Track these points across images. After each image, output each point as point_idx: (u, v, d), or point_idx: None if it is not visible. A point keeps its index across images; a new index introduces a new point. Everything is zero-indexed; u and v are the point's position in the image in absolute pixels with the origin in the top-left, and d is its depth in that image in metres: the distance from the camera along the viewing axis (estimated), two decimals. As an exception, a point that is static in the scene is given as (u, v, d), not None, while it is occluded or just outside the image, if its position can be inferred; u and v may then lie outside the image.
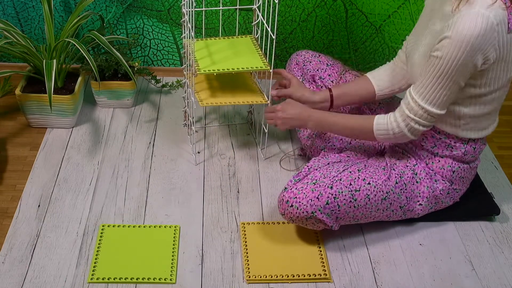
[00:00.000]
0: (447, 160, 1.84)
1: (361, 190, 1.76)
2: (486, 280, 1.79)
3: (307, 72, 2.12)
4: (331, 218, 1.76)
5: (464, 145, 1.81)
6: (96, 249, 1.81)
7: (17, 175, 2.10)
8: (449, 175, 1.85)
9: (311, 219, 1.74)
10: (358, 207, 1.77)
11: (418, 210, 1.88)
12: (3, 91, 2.50)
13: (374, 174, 1.80)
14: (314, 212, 1.72)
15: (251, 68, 2.01)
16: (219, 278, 1.75)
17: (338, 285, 1.75)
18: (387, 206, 1.81)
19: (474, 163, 1.89)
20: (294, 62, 2.17)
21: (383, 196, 1.79)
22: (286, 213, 1.76)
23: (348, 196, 1.74)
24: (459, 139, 1.80)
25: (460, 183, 1.88)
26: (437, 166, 1.84)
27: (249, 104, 2.09)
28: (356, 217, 1.79)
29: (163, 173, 2.13)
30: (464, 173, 1.87)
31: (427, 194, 1.86)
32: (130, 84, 2.39)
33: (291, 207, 1.74)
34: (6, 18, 2.53)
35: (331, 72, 2.11)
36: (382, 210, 1.81)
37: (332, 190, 1.73)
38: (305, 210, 1.72)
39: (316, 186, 1.74)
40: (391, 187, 1.80)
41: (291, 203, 1.74)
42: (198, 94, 2.09)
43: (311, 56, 2.15)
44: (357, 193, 1.75)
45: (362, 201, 1.76)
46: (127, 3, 2.53)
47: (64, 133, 2.31)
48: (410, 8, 2.54)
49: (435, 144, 1.83)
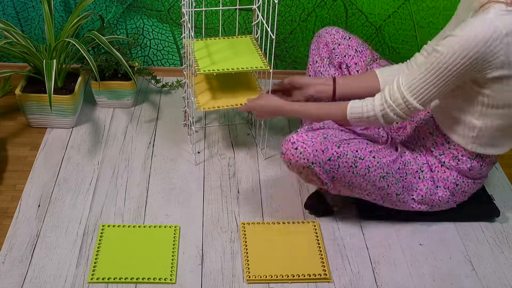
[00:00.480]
0: (452, 172, 1.83)
1: (364, 160, 1.75)
2: (486, 280, 1.79)
3: (335, 57, 2.07)
4: (328, 175, 1.75)
5: (471, 160, 1.80)
6: (96, 249, 1.81)
7: (17, 175, 2.10)
8: (452, 187, 1.84)
9: (308, 169, 1.74)
10: (356, 175, 1.76)
11: (411, 204, 1.87)
12: (3, 91, 2.50)
13: (381, 151, 1.79)
14: (314, 163, 1.72)
15: (250, 68, 2.01)
16: (219, 278, 1.75)
17: (338, 285, 1.75)
18: (384, 186, 1.80)
19: (480, 180, 1.88)
20: (324, 42, 2.09)
21: (382, 174, 1.78)
22: (287, 153, 1.75)
23: (351, 161, 1.74)
24: (466, 152, 1.79)
25: (461, 196, 1.88)
26: (442, 176, 1.84)
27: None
28: (351, 184, 1.78)
29: (163, 173, 2.13)
30: (467, 188, 1.86)
31: (424, 193, 1.85)
32: (130, 84, 2.39)
33: (296, 150, 1.73)
34: (6, 18, 2.53)
35: (358, 60, 2.06)
36: (378, 188, 1.80)
37: (338, 149, 1.73)
38: (307, 157, 1.72)
39: (325, 140, 1.73)
40: (392, 170, 1.79)
41: (297, 146, 1.73)
42: (197, 98, 2.09)
43: (341, 37, 2.08)
44: (360, 161, 1.75)
45: (362, 170, 1.76)
46: (127, 3, 2.53)
47: (64, 133, 2.31)
48: (410, 8, 2.54)
49: (443, 152, 1.82)
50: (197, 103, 2.06)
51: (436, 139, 1.83)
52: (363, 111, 1.75)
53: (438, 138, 1.82)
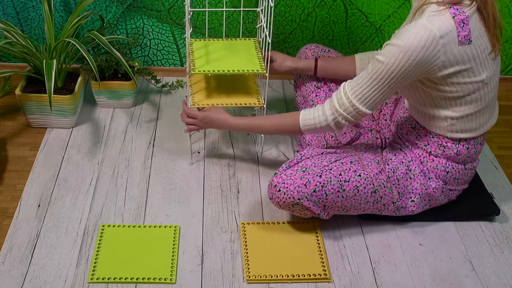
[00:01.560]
0: (441, 160, 1.84)
1: (350, 181, 1.77)
2: (486, 280, 1.79)
3: None
4: (318, 206, 1.77)
5: (456, 145, 1.81)
6: (96, 249, 1.81)
7: (17, 175, 2.10)
8: (443, 175, 1.85)
9: (297, 205, 1.77)
10: (346, 198, 1.77)
11: (411, 207, 1.87)
12: (3, 91, 2.50)
13: (366, 166, 1.81)
14: (301, 199, 1.74)
15: (246, 70, 2.00)
16: (219, 278, 1.75)
17: (338, 285, 1.75)
18: (377, 199, 1.82)
19: (470, 164, 1.88)
20: (304, 56, 2.17)
21: (373, 189, 1.79)
22: (273, 198, 1.79)
23: (337, 186, 1.75)
24: (449, 139, 1.81)
25: (454, 184, 1.88)
26: (431, 165, 1.85)
27: (242, 106, 2.07)
28: (344, 207, 1.80)
29: (163, 173, 2.13)
30: (458, 175, 1.87)
31: (419, 190, 1.86)
32: (130, 84, 2.39)
33: (279, 191, 1.76)
34: (6, 18, 2.53)
35: None
36: (372, 203, 1.82)
37: (320, 178, 1.75)
38: (291, 196, 1.74)
39: (305, 174, 1.75)
40: (382, 181, 1.81)
41: (279, 188, 1.76)
42: (192, 95, 2.09)
43: (321, 50, 2.17)
44: (346, 183, 1.77)
45: (351, 192, 1.77)
46: (127, 3, 2.53)
47: (64, 133, 2.31)
48: (410, 8, 2.54)
49: (428, 142, 1.84)
50: (191, 100, 2.06)
51: (419, 132, 1.86)
52: (315, 122, 1.80)
53: (420, 131, 1.86)
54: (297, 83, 2.21)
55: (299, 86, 2.18)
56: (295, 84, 2.22)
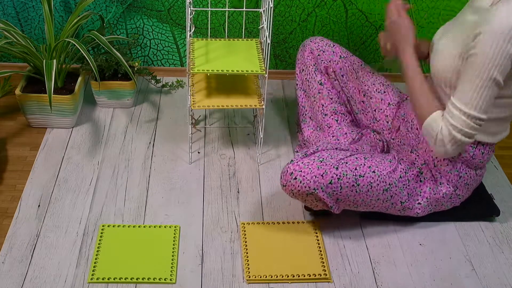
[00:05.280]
0: (456, 164, 1.83)
1: (365, 177, 1.75)
2: (486, 280, 1.79)
3: (320, 63, 2.09)
4: (331, 198, 1.75)
5: (473, 149, 1.80)
6: (96, 249, 1.81)
7: (17, 175, 2.10)
8: (455, 180, 1.85)
9: (312, 195, 1.74)
10: (360, 193, 1.76)
11: (416, 209, 1.88)
12: (3, 91, 2.50)
13: (379, 164, 1.79)
14: (316, 189, 1.71)
15: (246, 71, 2.00)
16: (219, 278, 1.75)
17: (338, 285, 1.75)
18: (388, 198, 1.81)
19: (480, 171, 1.88)
20: (308, 50, 2.11)
21: (385, 187, 1.78)
22: (287, 185, 1.74)
23: (352, 180, 1.74)
24: None
25: (464, 190, 1.88)
26: (445, 169, 1.84)
27: (242, 107, 2.07)
28: (356, 202, 1.79)
29: (163, 173, 2.13)
30: (469, 180, 1.87)
31: (428, 194, 1.86)
32: (130, 84, 2.39)
33: (295, 179, 1.72)
34: (6, 18, 2.53)
35: (343, 65, 2.08)
36: (382, 200, 1.81)
37: (337, 171, 1.72)
38: (308, 185, 1.71)
39: (322, 164, 1.72)
40: (394, 180, 1.80)
41: (295, 176, 1.72)
42: (193, 96, 2.09)
43: (325, 45, 2.11)
44: (361, 178, 1.75)
45: (365, 187, 1.76)
46: (127, 3, 2.53)
47: (64, 133, 2.31)
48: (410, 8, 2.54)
49: None
50: (192, 101, 2.06)
51: None
52: (437, 130, 1.69)
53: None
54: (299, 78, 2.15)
55: (302, 81, 2.15)
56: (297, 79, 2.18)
